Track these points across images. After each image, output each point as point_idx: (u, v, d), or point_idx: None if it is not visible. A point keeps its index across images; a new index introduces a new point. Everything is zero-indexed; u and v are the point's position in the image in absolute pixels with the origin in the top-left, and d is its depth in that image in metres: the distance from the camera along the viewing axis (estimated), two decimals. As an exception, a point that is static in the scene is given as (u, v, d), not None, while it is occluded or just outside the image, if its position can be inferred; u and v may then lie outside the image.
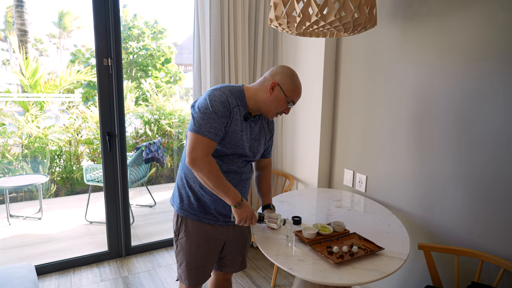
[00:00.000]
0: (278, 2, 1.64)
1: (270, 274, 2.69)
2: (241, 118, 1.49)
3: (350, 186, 2.47)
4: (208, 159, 1.40)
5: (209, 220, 1.58)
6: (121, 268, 2.77)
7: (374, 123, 2.24)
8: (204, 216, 1.57)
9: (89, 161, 5.40)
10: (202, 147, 1.38)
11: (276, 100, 1.49)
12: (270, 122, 1.70)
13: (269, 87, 1.48)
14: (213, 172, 1.40)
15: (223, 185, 1.42)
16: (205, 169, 1.39)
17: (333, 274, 1.36)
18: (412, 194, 2.03)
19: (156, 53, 8.31)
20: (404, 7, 1.98)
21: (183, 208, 1.58)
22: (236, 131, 1.47)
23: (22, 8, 7.22)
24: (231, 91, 1.48)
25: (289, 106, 1.52)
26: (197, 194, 1.56)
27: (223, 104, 1.42)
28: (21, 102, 5.75)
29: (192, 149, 1.38)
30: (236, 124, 1.47)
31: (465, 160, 1.75)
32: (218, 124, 1.40)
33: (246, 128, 1.52)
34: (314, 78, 2.57)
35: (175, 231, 1.62)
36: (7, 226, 3.77)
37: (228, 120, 1.43)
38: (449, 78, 1.79)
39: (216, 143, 1.43)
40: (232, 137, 1.47)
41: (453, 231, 1.83)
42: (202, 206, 1.56)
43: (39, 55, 12.43)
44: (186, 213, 1.58)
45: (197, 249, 1.59)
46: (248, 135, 1.54)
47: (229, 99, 1.44)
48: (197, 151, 1.38)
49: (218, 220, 1.60)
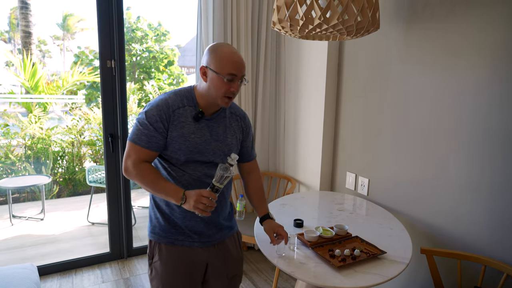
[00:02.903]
0: (281, 5, 1.65)
1: (272, 277, 2.68)
2: (191, 119, 1.33)
3: (352, 189, 2.46)
4: (140, 166, 1.30)
5: (183, 242, 1.39)
6: (123, 270, 2.77)
7: (377, 127, 2.24)
8: (176, 237, 1.39)
9: (91, 162, 5.42)
10: (134, 155, 1.30)
11: (212, 83, 1.30)
12: (241, 119, 1.49)
13: (201, 74, 1.33)
14: (145, 176, 1.30)
15: (162, 187, 1.29)
16: (138, 176, 1.30)
17: (335, 277, 1.35)
18: (415, 198, 2.03)
19: (159, 55, 8.34)
20: (407, 10, 1.99)
21: (154, 231, 1.42)
22: (185, 135, 1.31)
23: (26, 10, 7.26)
24: (176, 93, 1.35)
25: (228, 81, 1.28)
26: (165, 214, 1.40)
27: (159, 108, 1.30)
28: (25, 103, 5.78)
29: (125, 158, 1.32)
30: (183, 127, 1.31)
31: (469, 164, 1.74)
32: (151, 131, 1.28)
33: (200, 129, 1.35)
34: (317, 81, 2.57)
35: (149, 255, 1.45)
36: (10, 226, 3.78)
37: (166, 124, 1.29)
38: (452, 81, 1.78)
39: (151, 151, 1.31)
40: (181, 142, 1.31)
41: (456, 235, 1.82)
42: (173, 226, 1.39)
43: (42, 56, 12.49)
44: (157, 237, 1.41)
45: (173, 272, 1.40)
46: (207, 136, 1.36)
47: (169, 101, 1.31)
48: (129, 159, 1.31)
49: (194, 240, 1.40)
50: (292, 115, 2.90)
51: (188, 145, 1.32)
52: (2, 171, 4.87)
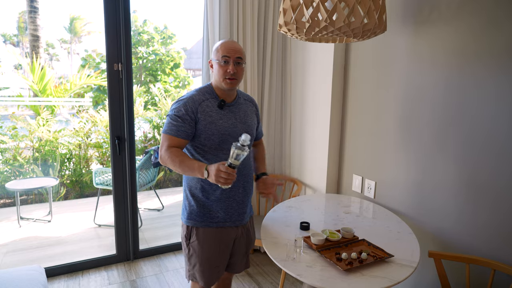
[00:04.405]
0: (287, 8, 1.65)
1: (278, 280, 2.67)
2: (216, 108, 1.58)
3: (359, 192, 2.45)
4: (170, 149, 1.51)
5: (217, 224, 1.63)
6: (129, 272, 2.78)
7: (384, 129, 2.23)
8: (211, 221, 1.63)
9: (98, 164, 5.46)
10: (165, 143, 1.53)
11: (215, 70, 1.59)
12: (253, 104, 1.77)
13: (210, 68, 1.65)
14: (174, 159, 1.48)
15: (187, 164, 1.47)
16: (168, 159, 1.49)
17: (341, 281, 1.34)
18: (422, 201, 2.01)
19: (165, 58, 8.39)
20: (414, 12, 1.98)
21: (191, 217, 1.64)
22: (214, 121, 1.55)
23: (35, 13, 7.35)
24: (198, 90, 1.62)
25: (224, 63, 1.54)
26: (201, 201, 1.62)
27: (185, 104, 1.54)
28: (33, 106, 5.85)
29: (160, 148, 1.55)
30: (211, 116, 1.55)
31: (478, 167, 1.72)
32: (179, 122, 1.52)
33: (226, 115, 1.59)
34: (323, 83, 2.57)
35: (186, 236, 1.67)
36: (18, 228, 3.81)
37: (194, 116, 1.53)
38: (461, 83, 1.77)
39: (181, 139, 1.53)
40: (212, 128, 1.55)
41: (464, 239, 1.80)
42: (208, 211, 1.62)
43: (50, 59, 12.64)
44: (194, 222, 1.63)
45: (209, 250, 1.63)
46: (233, 120, 1.61)
47: (194, 97, 1.56)
48: (163, 148, 1.53)
49: (226, 221, 1.64)
50: (298, 117, 2.90)
51: (219, 129, 1.56)
52: (10, 173, 4.92)
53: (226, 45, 1.56)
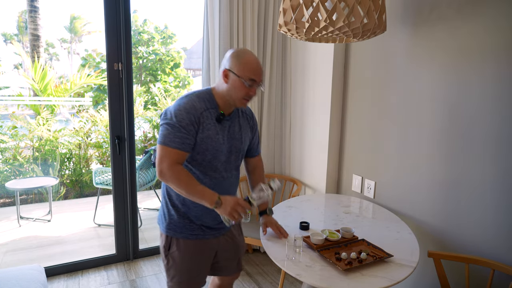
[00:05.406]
0: (287, 8, 1.65)
1: (277, 280, 2.67)
2: (214, 121, 1.44)
3: (359, 192, 2.45)
4: (176, 168, 1.36)
5: (197, 236, 1.54)
6: (129, 271, 2.78)
7: (384, 129, 2.23)
8: (191, 232, 1.53)
9: (98, 164, 5.46)
10: (168, 158, 1.35)
11: (233, 86, 1.41)
12: (250, 119, 1.63)
13: (223, 76, 1.42)
14: (182, 180, 1.36)
15: (197, 190, 1.37)
16: (174, 179, 1.35)
17: (341, 280, 1.34)
18: (422, 201, 2.01)
19: (166, 57, 8.39)
20: (414, 12, 1.98)
21: (170, 228, 1.53)
22: (211, 136, 1.42)
23: (35, 13, 7.35)
24: (198, 96, 1.44)
25: (249, 86, 1.40)
26: (180, 211, 1.52)
27: (188, 112, 1.37)
28: (33, 106, 5.85)
29: (159, 161, 1.37)
30: (209, 129, 1.42)
31: (477, 166, 1.72)
32: (183, 133, 1.36)
33: (222, 129, 1.47)
34: (323, 83, 2.57)
35: (165, 246, 1.56)
36: (18, 227, 3.81)
37: (196, 126, 1.39)
38: (462, 82, 1.77)
39: (184, 152, 1.38)
40: (209, 143, 1.42)
41: (464, 239, 1.80)
42: (189, 222, 1.52)
43: (50, 59, 12.64)
44: (173, 232, 1.53)
45: (190, 261, 1.55)
46: (226, 136, 1.48)
47: (195, 104, 1.40)
48: (164, 163, 1.35)
49: (206, 233, 1.55)
50: (298, 117, 2.90)
51: (214, 145, 1.43)
52: (10, 173, 4.92)
53: (254, 66, 1.40)
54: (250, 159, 1.72)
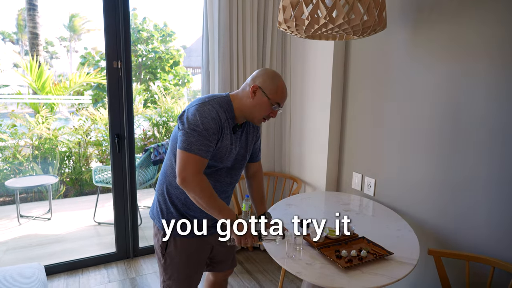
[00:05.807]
0: (286, 5, 1.64)
1: (277, 278, 2.68)
2: (230, 131, 1.45)
3: (359, 189, 2.45)
4: (200, 177, 1.35)
5: (193, 234, 1.55)
6: (129, 269, 2.79)
7: (384, 126, 2.23)
8: (189, 231, 1.53)
9: (98, 162, 5.45)
10: (193, 166, 1.33)
11: (259, 104, 1.42)
12: (256, 127, 1.65)
13: (251, 91, 1.42)
14: (205, 191, 1.35)
15: (217, 204, 1.37)
16: (197, 189, 1.34)
17: (341, 278, 1.34)
18: (422, 199, 2.01)
19: (165, 55, 8.38)
20: (415, 8, 1.97)
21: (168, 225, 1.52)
22: (227, 146, 1.43)
23: (34, 11, 7.33)
24: (220, 104, 1.42)
25: (274, 109, 1.44)
26: (180, 211, 1.52)
27: (214, 120, 1.36)
28: (32, 104, 5.84)
29: (183, 168, 1.33)
30: (227, 139, 1.43)
31: (477, 164, 1.72)
32: (209, 141, 1.35)
33: (235, 140, 1.49)
34: (323, 81, 2.56)
35: (161, 245, 1.55)
36: (17, 226, 3.81)
37: (219, 136, 1.39)
38: (462, 80, 1.77)
39: (207, 160, 1.38)
40: (223, 152, 1.43)
41: (464, 236, 1.80)
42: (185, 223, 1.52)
43: (49, 57, 12.61)
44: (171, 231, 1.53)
45: (187, 260, 1.57)
46: (237, 146, 1.51)
47: (219, 114, 1.39)
48: (188, 170, 1.33)
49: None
50: (298, 115, 2.89)
51: (227, 154, 1.46)
52: (10, 171, 4.92)
53: (285, 93, 1.46)
54: (250, 164, 1.72)
